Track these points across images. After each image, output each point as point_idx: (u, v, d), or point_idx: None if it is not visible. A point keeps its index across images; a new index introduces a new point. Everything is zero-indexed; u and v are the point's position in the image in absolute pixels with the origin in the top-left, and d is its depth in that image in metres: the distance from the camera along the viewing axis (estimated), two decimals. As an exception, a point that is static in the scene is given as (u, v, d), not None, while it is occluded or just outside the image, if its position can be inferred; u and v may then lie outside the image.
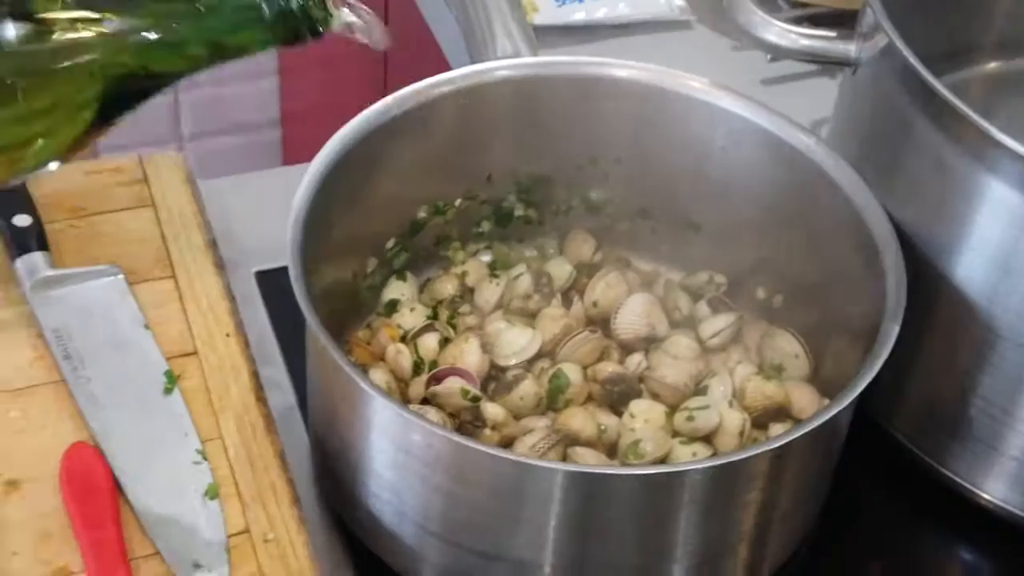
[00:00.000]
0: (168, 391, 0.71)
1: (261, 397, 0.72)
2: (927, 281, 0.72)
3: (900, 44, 0.68)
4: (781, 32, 0.75)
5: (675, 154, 0.80)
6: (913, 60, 0.67)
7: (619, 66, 0.77)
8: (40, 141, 0.60)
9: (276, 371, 0.79)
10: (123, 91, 0.60)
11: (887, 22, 0.68)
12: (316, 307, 0.68)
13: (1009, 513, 0.75)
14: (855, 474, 0.78)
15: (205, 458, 0.68)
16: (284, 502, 0.67)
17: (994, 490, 0.75)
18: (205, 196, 0.84)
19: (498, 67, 0.77)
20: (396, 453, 0.65)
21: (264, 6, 0.60)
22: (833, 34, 0.74)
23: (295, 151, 1.80)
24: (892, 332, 0.66)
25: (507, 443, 0.72)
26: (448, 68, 0.81)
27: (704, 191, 0.81)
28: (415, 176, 0.78)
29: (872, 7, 0.69)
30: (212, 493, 0.67)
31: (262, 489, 0.67)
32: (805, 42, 0.75)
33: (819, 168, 0.74)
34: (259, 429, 0.70)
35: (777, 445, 0.63)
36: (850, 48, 0.74)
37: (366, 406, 0.65)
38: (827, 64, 0.76)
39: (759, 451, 0.64)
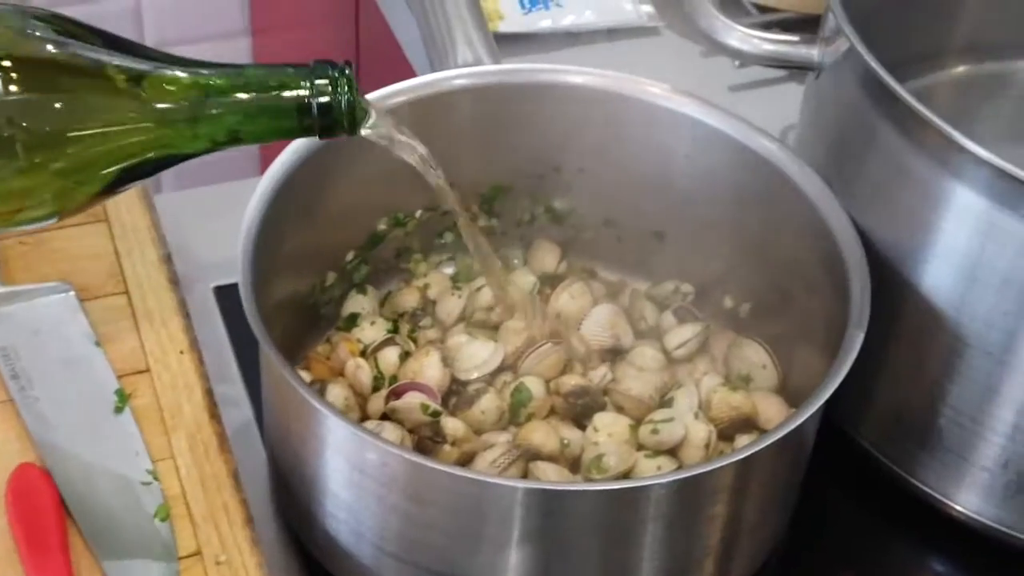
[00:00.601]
0: (119, 410, 0.70)
1: (215, 415, 0.70)
2: (893, 288, 0.70)
3: (861, 48, 0.66)
4: (743, 37, 0.74)
5: (639, 162, 0.79)
6: (874, 64, 0.66)
7: (576, 72, 0.75)
8: (46, 197, 0.59)
9: (234, 388, 0.78)
10: (141, 166, 0.60)
11: (848, 26, 0.67)
12: (268, 322, 0.67)
13: (982, 525, 0.73)
14: (824, 484, 0.77)
15: (156, 478, 0.67)
16: (237, 523, 0.65)
17: (966, 501, 0.74)
18: (162, 211, 0.83)
19: (455, 76, 0.75)
20: (351, 472, 0.64)
21: (313, 105, 0.60)
22: (796, 38, 0.73)
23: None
24: (856, 339, 0.65)
25: (468, 459, 0.71)
26: (412, 75, 0.80)
27: (669, 199, 0.80)
28: (374, 187, 0.77)
29: (833, 11, 0.68)
30: (163, 514, 0.65)
31: (214, 510, 0.66)
32: (768, 47, 0.74)
33: (784, 174, 0.73)
34: (212, 448, 0.68)
35: (741, 457, 0.62)
36: (813, 52, 0.73)
37: (319, 424, 0.63)
38: (790, 69, 0.74)
39: (723, 463, 0.62)
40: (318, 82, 0.61)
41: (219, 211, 0.86)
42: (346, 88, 0.61)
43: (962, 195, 0.66)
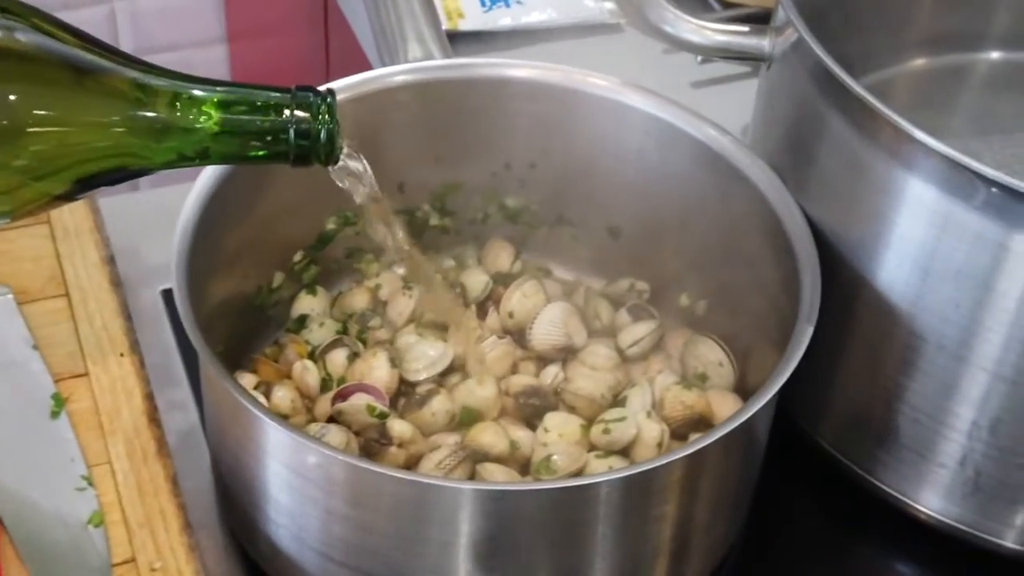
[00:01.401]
0: (55, 415, 0.68)
1: (155, 419, 0.69)
2: (847, 284, 0.69)
3: (809, 37, 0.65)
4: (695, 28, 0.73)
5: (591, 158, 0.78)
6: (822, 54, 0.65)
7: (519, 66, 0.74)
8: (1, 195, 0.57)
9: (180, 392, 0.76)
10: (103, 173, 0.57)
11: (796, 15, 0.66)
12: (211, 324, 0.66)
13: (943, 524, 0.72)
14: (784, 486, 0.76)
15: (91, 484, 0.65)
16: (173, 529, 0.64)
17: (926, 500, 0.72)
18: (111, 213, 0.81)
19: (396, 72, 0.74)
20: (291, 477, 0.62)
21: (291, 131, 0.58)
22: (746, 29, 0.71)
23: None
24: (806, 334, 0.63)
25: (415, 461, 0.69)
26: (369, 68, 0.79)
27: (623, 195, 0.78)
28: (320, 186, 0.74)
29: (782, 1, 0.67)
30: (96, 520, 0.64)
31: (151, 515, 0.64)
32: (719, 38, 0.73)
33: (736, 168, 0.72)
34: (150, 453, 0.67)
35: (689, 452, 0.60)
36: (764, 43, 0.71)
37: (255, 428, 0.62)
38: (742, 60, 0.73)
39: (670, 459, 0.61)
40: (298, 109, 0.58)
41: (168, 213, 0.84)
42: (327, 117, 0.59)
43: (914, 187, 0.65)
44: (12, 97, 0.54)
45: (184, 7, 1.74)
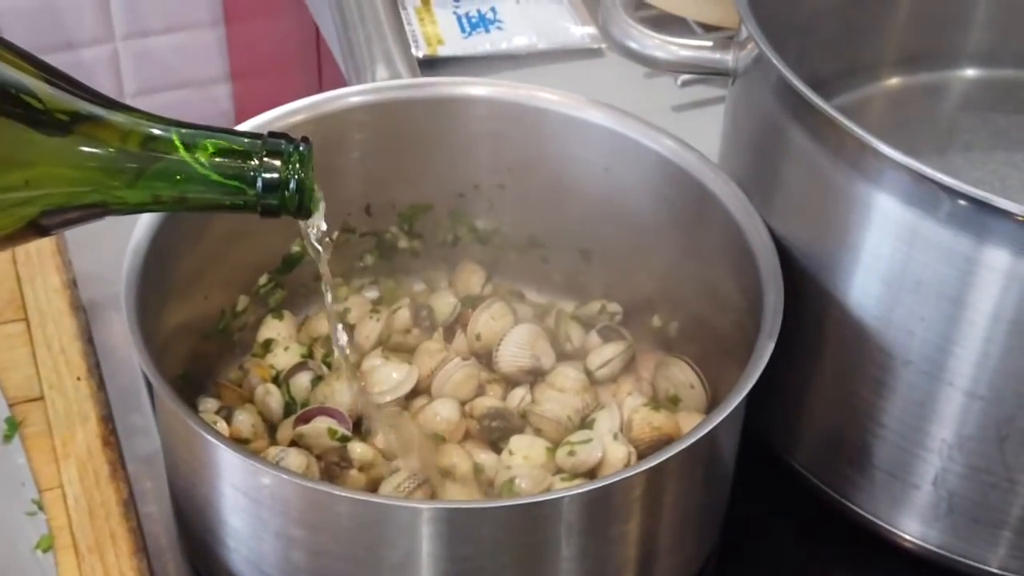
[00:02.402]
0: (7, 438, 0.67)
1: (109, 442, 0.68)
2: (815, 301, 0.68)
3: (770, 52, 0.64)
4: (660, 44, 0.72)
5: (560, 177, 0.77)
6: (783, 67, 0.64)
7: (479, 84, 0.73)
8: None
9: (144, 418, 0.75)
10: (72, 211, 0.55)
11: (756, 30, 0.65)
12: (168, 347, 0.65)
13: (918, 547, 0.70)
14: (759, 510, 0.74)
15: (41, 508, 0.64)
16: (124, 552, 0.62)
17: (904, 525, 0.70)
18: (78, 238, 0.81)
19: (354, 92, 0.73)
20: (243, 500, 0.61)
21: (259, 180, 0.54)
22: (710, 43, 0.71)
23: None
24: (767, 348, 0.62)
25: (376, 485, 0.68)
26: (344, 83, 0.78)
27: (593, 216, 0.77)
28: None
29: (740, 13, 0.66)
30: (45, 545, 0.63)
31: (101, 539, 0.63)
32: (684, 53, 0.72)
33: (702, 185, 0.71)
34: (103, 476, 0.65)
35: (647, 467, 0.59)
36: (728, 58, 0.70)
37: (205, 450, 0.61)
38: (707, 75, 0.72)
39: (629, 475, 0.59)
40: (268, 156, 0.54)
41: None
42: (298, 166, 0.55)
43: (880, 201, 0.64)
44: None
45: (187, 47, 1.75)
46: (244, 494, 0.61)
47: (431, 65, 1.01)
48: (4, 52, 0.54)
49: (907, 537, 0.70)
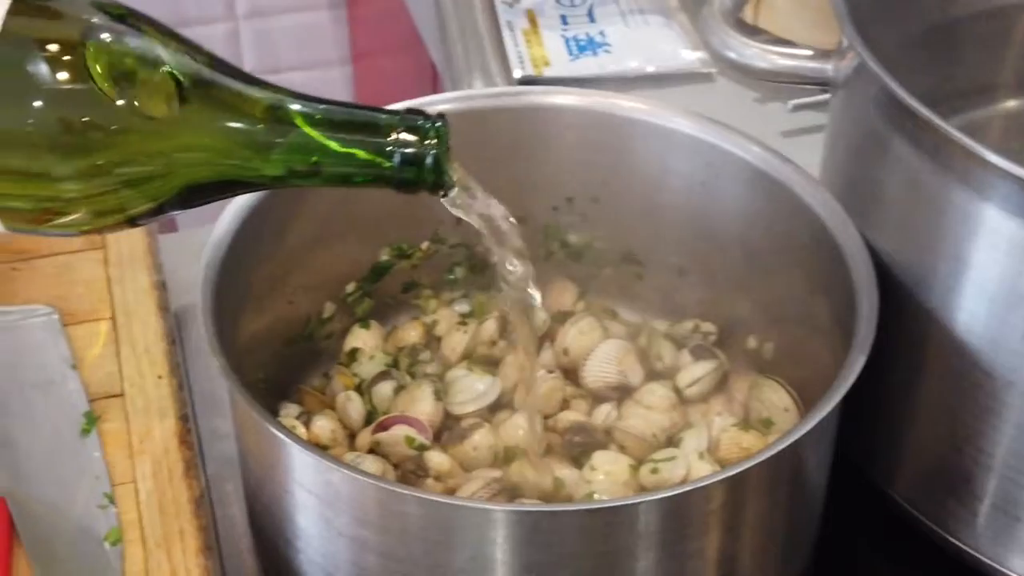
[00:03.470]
0: (85, 432, 0.67)
1: (186, 441, 0.67)
2: (916, 321, 0.65)
3: (871, 61, 0.61)
4: (759, 53, 0.70)
5: (655, 191, 0.74)
6: (885, 75, 0.61)
7: (569, 94, 0.71)
8: (90, 206, 0.54)
9: (227, 423, 0.74)
10: (200, 189, 0.55)
11: (856, 38, 0.62)
12: (248, 351, 0.65)
13: (1035, 591, 0.66)
14: (853, 540, 0.71)
15: (112, 502, 0.64)
16: (191, 549, 0.62)
17: (1015, 564, 0.66)
18: (174, 244, 0.81)
19: (440, 100, 0.71)
20: (310, 500, 0.60)
21: (397, 155, 0.55)
22: (810, 53, 0.68)
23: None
24: (858, 362, 0.59)
25: (451, 495, 0.66)
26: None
27: (688, 232, 0.75)
28: (371, 214, 0.74)
29: (840, 20, 0.63)
30: (114, 538, 0.62)
31: (169, 535, 0.62)
32: (784, 62, 0.69)
33: (798, 197, 0.68)
34: (177, 473, 0.65)
35: (724, 476, 0.56)
36: (828, 68, 0.68)
37: (272, 446, 0.60)
38: (807, 85, 0.69)
39: (707, 483, 0.57)
40: (406, 132, 0.55)
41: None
42: (435, 142, 0.56)
43: (990, 215, 0.60)
44: (121, 102, 0.53)
45: (309, 26, 1.74)
46: (310, 492, 0.60)
47: (535, 85, 0.99)
48: (145, 26, 0.54)
49: (1014, 576, 0.66)
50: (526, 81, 0.96)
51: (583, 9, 1.07)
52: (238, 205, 0.66)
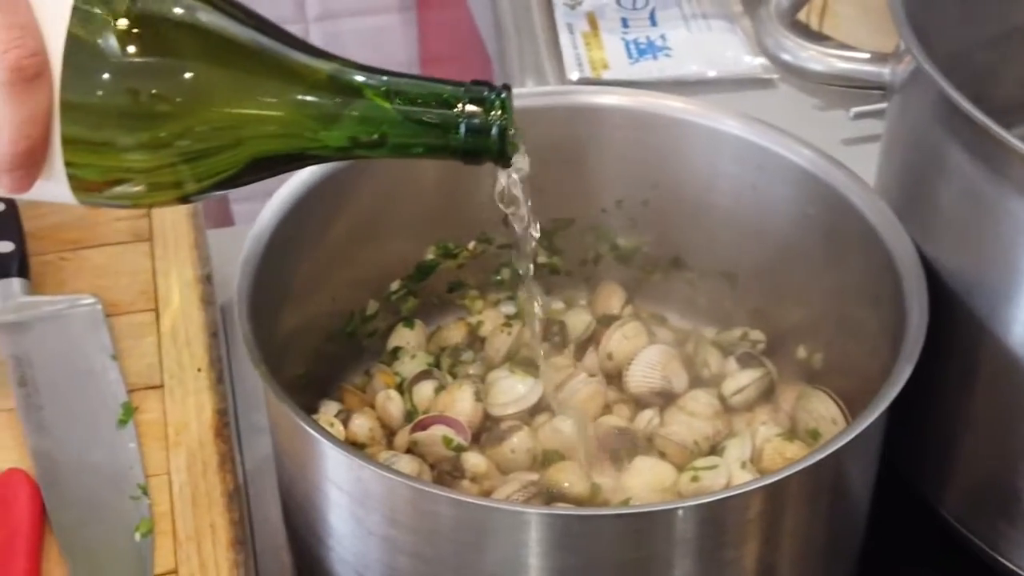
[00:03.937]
0: (122, 423, 0.67)
1: (223, 435, 0.67)
2: (967, 331, 0.63)
3: (928, 65, 0.59)
4: (816, 56, 0.68)
5: (705, 194, 0.73)
6: (942, 81, 0.59)
7: (618, 93, 0.70)
8: (158, 177, 0.54)
9: (265, 418, 0.74)
10: (268, 161, 0.55)
11: (914, 42, 0.60)
12: (287, 347, 0.64)
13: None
14: (900, 559, 0.69)
15: (145, 493, 0.63)
16: (222, 543, 0.61)
17: (1068, 587, 0.64)
18: (224, 238, 0.81)
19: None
20: (342, 498, 0.59)
21: (462, 125, 0.55)
22: (867, 56, 0.66)
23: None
24: (904, 372, 0.57)
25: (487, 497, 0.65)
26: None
27: (739, 236, 0.73)
28: (417, 213, 0.73)
29: (895, 20, 0.62)
30: (145, 529, 0.62)
31: (200, 528, 0.62)
32: (841, 65, 0.68)
33: (850, 203, 0.67)
34: (211, 467, 0.65)
35: (763, 484, 0.55)
36: (884, 71, 0.66)
37: (305, 443, 0.59)
38: (864, 89, 0.68)
39: (744, 490, 0.56)
40: (471, 103, 0.55)
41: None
42: (500, 113, 0.56)
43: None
44: (188, 75, 0.53)
45: (379, 28, 1.73)
46: (341, 490, 0.59)
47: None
48: (221, 3, 0.54)
49: (1066, 600, 0.64)
50: (584, 83, 0.95)
51: (644, 12, 1.06)
52: (280, 200, 0.66)
